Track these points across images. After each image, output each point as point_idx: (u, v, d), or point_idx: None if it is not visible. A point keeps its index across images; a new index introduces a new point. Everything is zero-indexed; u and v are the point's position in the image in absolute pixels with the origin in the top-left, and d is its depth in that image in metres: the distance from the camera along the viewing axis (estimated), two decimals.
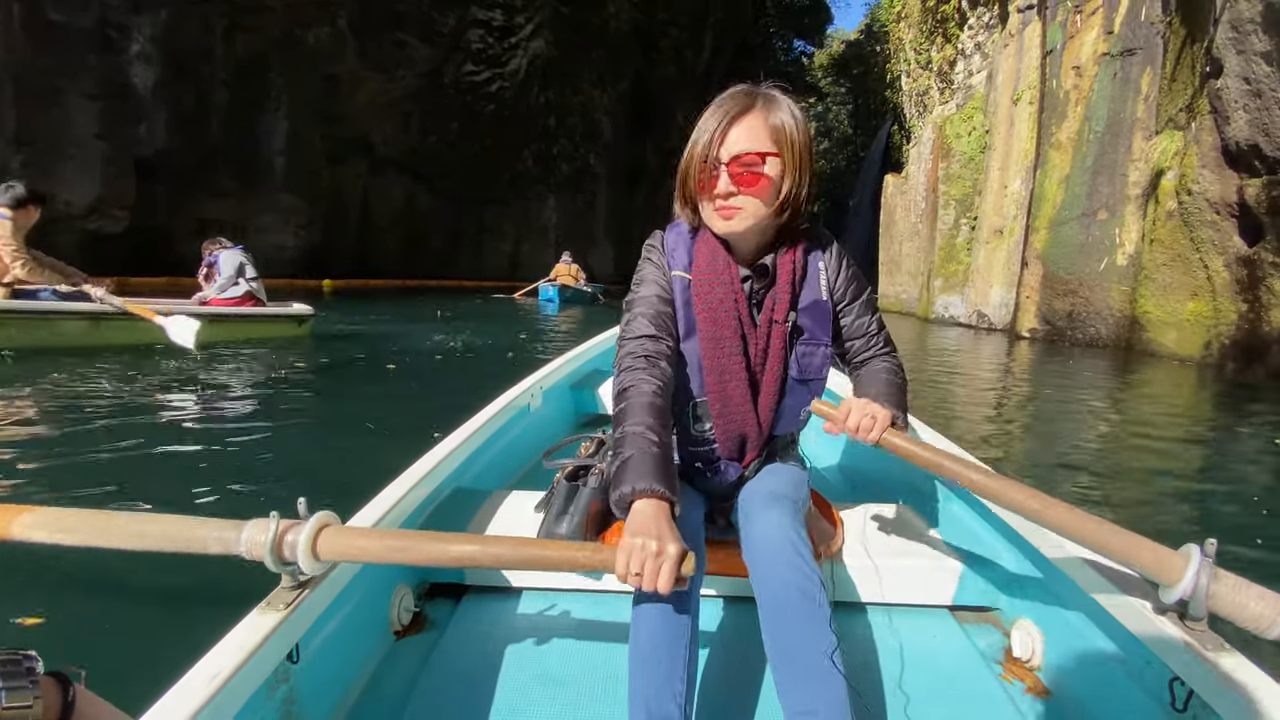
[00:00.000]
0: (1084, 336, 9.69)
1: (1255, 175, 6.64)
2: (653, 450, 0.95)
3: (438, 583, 1.40)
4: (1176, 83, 8.26)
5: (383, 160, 20.19)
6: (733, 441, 1.19)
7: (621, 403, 1.04)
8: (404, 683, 1.12)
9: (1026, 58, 11.89)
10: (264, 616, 0.84)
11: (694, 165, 1.08)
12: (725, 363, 1.14)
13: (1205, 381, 6.90)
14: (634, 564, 0.82)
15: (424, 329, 8.28)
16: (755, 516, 1.08)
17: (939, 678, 1.18)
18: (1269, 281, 6.72)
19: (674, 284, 1.18)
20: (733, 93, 1.08)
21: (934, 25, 18.58)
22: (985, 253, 12.89)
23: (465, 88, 20.44)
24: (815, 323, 1.19)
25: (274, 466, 2.78)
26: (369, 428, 3.44)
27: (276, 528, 0.86)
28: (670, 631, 0.93)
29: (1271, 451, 4.12)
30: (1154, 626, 0.88)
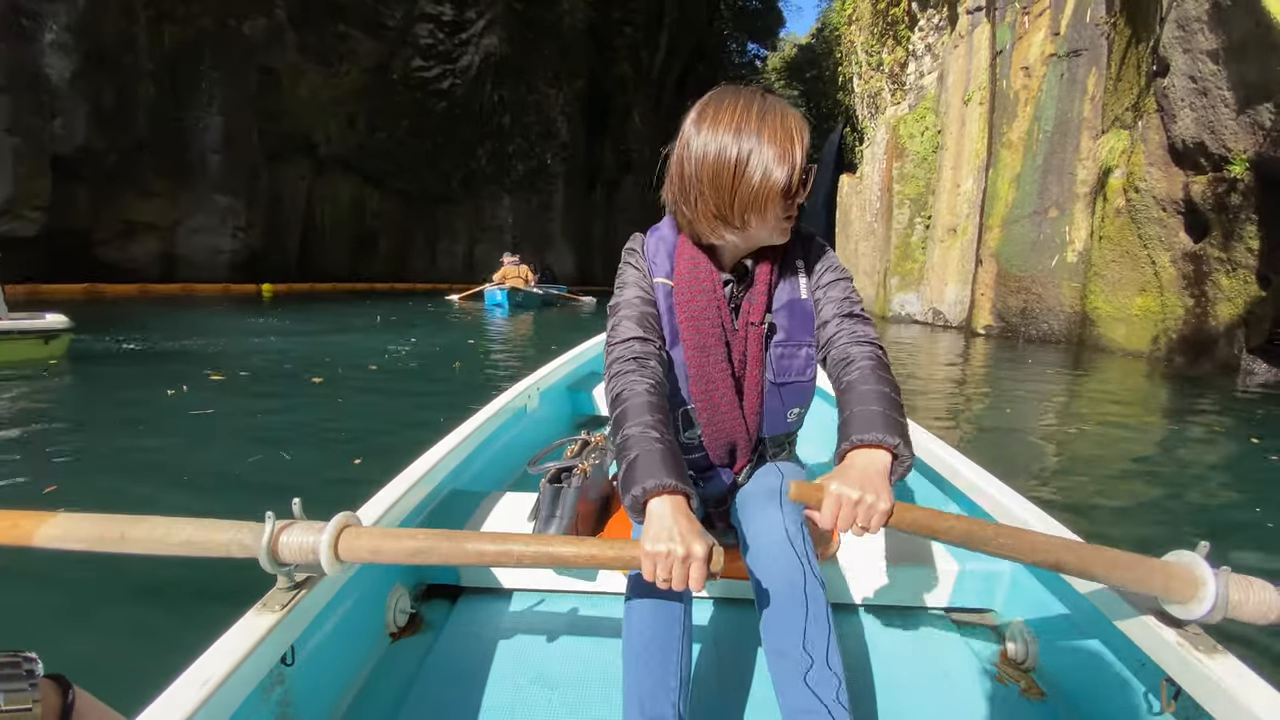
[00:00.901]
0: (1037, 332, 9.85)
1: (1201, 172, 6.78)
2: (658, 447, 0.90)
3: (433, 584, 1.41)
4: (1122, 83, 8.43)
5: (328, 159, 19.37)
6: (722, 448, 1.17)
7: (618, 407, 1.00)
8: (400, 684, 1.12)
9: (976, 59, 12.07)
10: (259, 618, 0.84)
11: (783, 182, 0.97)
12: (710, 370, 1.12)
13: (1154, 375, 7.01)
14: (661, 571, 0.80)
15: (365, 337, 7.77)
16: (755, 515, 1.06)
17: (934, 679, 1.18)
18: (1215, 277, 6.87)
19: (656, 290, 1.15)
20: (767, 104, 1.01)
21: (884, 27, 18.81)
22: (940, 251, 13.06)
23: (415, 84, 19.80)
24: (793, 323, 1.14)
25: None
26: (282, 456, 2.95)
27: (273, 529, 0.84)
28: (664, 632, 0.93)
29: (1212, 440, 4.22)
30: (1147, 628, 0.89)
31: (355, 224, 20.69)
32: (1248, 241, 6.33)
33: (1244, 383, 6.39)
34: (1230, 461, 3.78)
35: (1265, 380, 6.43)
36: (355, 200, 20.71)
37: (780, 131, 0.97)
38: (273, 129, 17.11)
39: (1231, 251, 6.56)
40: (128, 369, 5.29)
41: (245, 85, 15.65)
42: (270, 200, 17.61)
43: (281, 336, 7.42)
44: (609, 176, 28.83)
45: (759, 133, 0.98)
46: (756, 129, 0.98)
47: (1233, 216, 6.43)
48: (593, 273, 28.32)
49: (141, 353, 5.90)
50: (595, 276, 28.18)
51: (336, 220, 20.15)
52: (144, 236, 14.34)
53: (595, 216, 28.93)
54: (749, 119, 0.99)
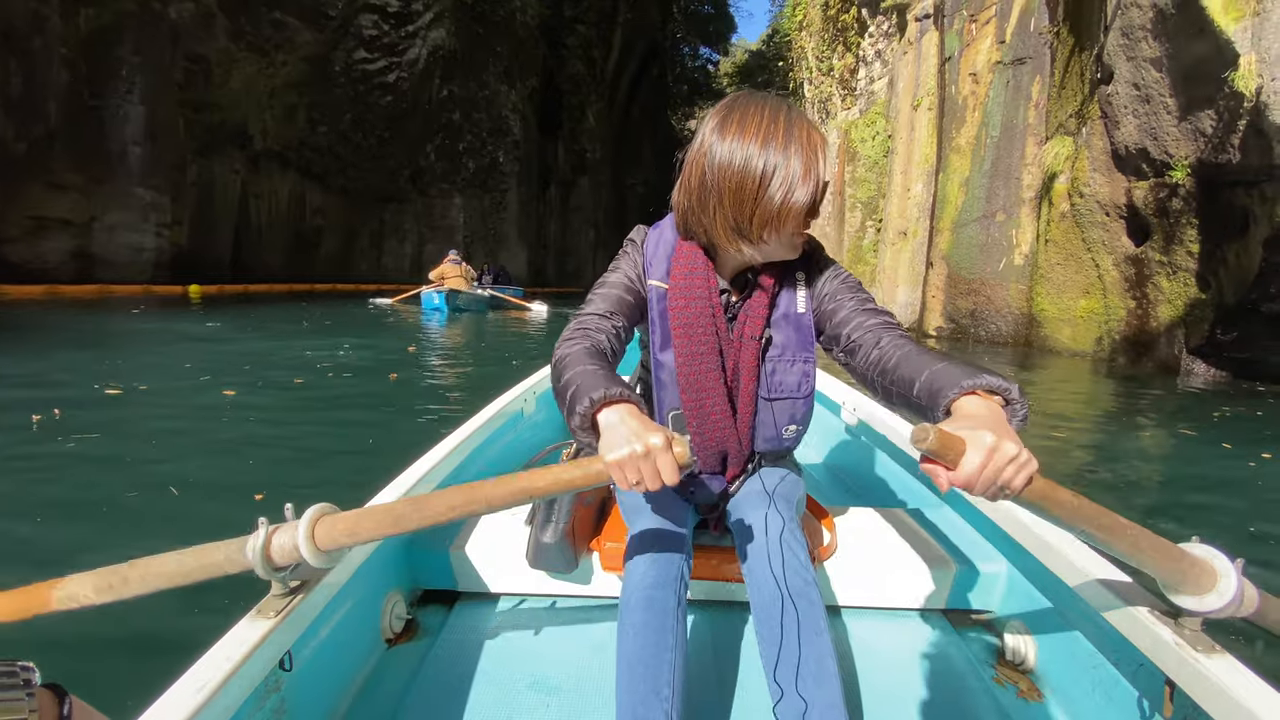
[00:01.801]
0: (986, 334, 10.02)
1: (1143, 178, 6.95)
2: (597, 372, 0.89)
3: (430, 590, 1.40)
4: (1066, 90, 8.63)
5: (264, 153, 18.37)
6: (713, 456, 1.16)
7: (558, 367, 0.96)
8: (396, 690, 1.12)
9: (924, 65, 12.27)
10: (255, 624, 0.83)
11: (795, 203, 0.94)
12: (701, 379, 1.10)
13: (1098, 374, 7.18)
14: (630, 474, 0.77)
15: (294, 344, 7.11)
16: (750, 517, 1.08)
17: (933, 681, 1.18)
18: (1156, 279, 7.05)
19: (650, 293, 1.13)
20: (789, 108, 0.98)
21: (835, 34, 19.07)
22: (891, 254, 13.22)
23: (358, 77, 18.98)
24: (791, 337, 1.12)
25: None
26: (169, 491, 2.49)
27: (266, 533, 0.83)
28: (656, 638, 0.93)
29: (1152, 434, 4.32)
30: (1145, 629, 0.88)
31: (295, 222, 19.68)
32: (1188, 245, 6.50)
33: (1184, 382, 6.57)
34: (1170, 454, 3.93)
35: (1204, 379, 6.63)
36: (295, 197, 19.71)
37: (806, 148, 0.94)
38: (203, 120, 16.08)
39: (1172, 255, 6.73)
40: (194, 365, 5.05)
41: (171, 73, 14.64)
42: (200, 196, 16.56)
43: (201, 343, 6.74)
44: (563, 177, 28.42)
45: (786, 147, 0.93)
46: (784, 143, 0.94)
47: (1174, 221, 6.60)
48: (546, 274, 27.86)
49: (17, 365, 4.95)
50: (549, 278, 27.73)
51: (274, 218, 19.13)
52: (56, 233, 13.19)
53: (550, 217, 28.47)
54: (776, 132, 0.94)
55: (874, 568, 1.36)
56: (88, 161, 13.44)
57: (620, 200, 33.45)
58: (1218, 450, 3.92)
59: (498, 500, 0.85)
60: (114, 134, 13.91)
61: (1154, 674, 0.89)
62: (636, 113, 33.27)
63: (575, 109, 27.58)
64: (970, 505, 1.45)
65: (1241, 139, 5.45)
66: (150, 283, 14.41)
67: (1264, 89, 5.09)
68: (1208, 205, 6.17)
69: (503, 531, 1.43)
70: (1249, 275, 5.82)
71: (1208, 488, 3.28)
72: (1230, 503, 3.01)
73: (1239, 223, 5.82)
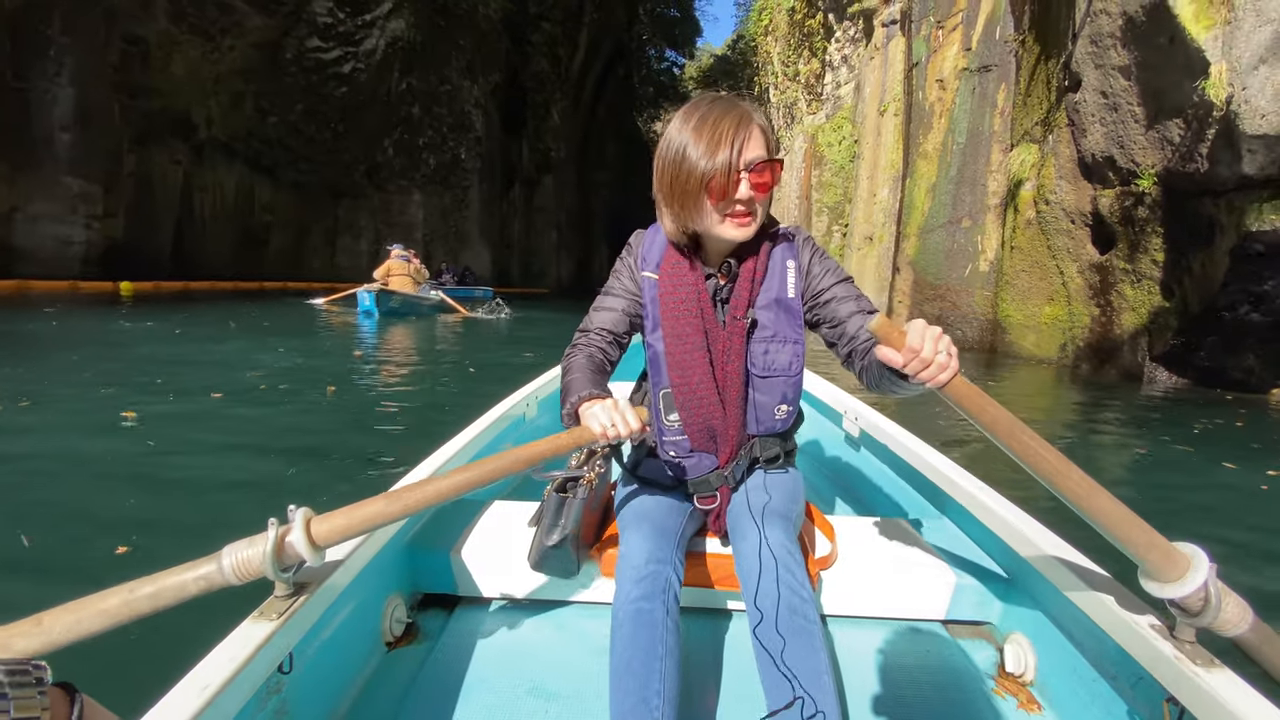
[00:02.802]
0: (952, 339, 10.00)
1: (1109, 186, 6.97)
2: (588, 377, 1.14)
3: (430, 594, 1.40)
4: (1031, 98, 8.67)
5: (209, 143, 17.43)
6: (702, 433, 1.21)
7: (565, 375, 1.18)
8: (396, 694, 1.12)
9: (891, 70, 12.30)
10: (257, 625, 0.84)
11: (709, 173, 1.06)
12: (687, 358, 1.17)
13: (1062, 381, 7.19)
14: (604, 421, 1.00)
15: (226, 349, 6.47)
16: (747, 532, 1.10)
17: (932, 692, 1.17)
18: (1120, 287, 7.08)
19: (643, 284, 1.23)
20: (724, 102, 1.09)
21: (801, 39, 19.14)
22: (857, 259, 13.23)
23: (311, 66, 18.18)
24: (779, 320, 1.20)
25: None
26: (18, 540, 2.04)
27: (276, 534, 0.83)
28: (645, 649, 0.96)
29: (1118, 441, 4.28)
30: (1145, 642, 0.88)
31: (242, 216, 18.74)
32: (1153, 254, 6.52)
33: (1147, 390, 6.59)
34: (1134, 461, 3.91)
35: (1166, 387, 6.66)
36: (243, 190, 18.77)
37: (714, 131, 1.04)
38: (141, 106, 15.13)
39: (1137, 263, 6.76)
40: (99, 376, 4.37)
41: (105, 55, 13.71)
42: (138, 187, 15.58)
43: (115, 348, 6.06)
44: (527, 175, 27.89)
45: (697, 129, 1.05)
46: (696, 125, 1.06)
47: (1139, 229, 6.62)
48: (511, 275, 27.25)
49: None
50: (513, 279, 27.13)
51: (220, 212, 18.17)
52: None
53: (514, 216, 27.88)
54: (696, 116, 1.07)
55: (874, 577, 1.35)
56: (9, 147, 12.47)
57: (585, 202, 33.05)
58: (1189, 458, 3.88)
59: (485, 476, 0.94)
60: (40, 118, 12.95)
61: (1153, 687, 0.89)
62: (602, 113, 32.95)
63: (540, 107, 27.10)
64: (971, 516, 1.42)
65: (1210, 148, 5.45)
66: (79, 279, 13.44)
67: (1234, 98, 5.08)
68: (1174, 214, 6.19)
69: (503, 536, 1.43)
70: (1214, 284, 5.84)
71: (1177, 494, 3.26)
72: (1207, 510, 2.99)
73: (1205, 232, 5.84)
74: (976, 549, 1.44)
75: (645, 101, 41.57)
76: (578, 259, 31.70)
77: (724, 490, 1.25)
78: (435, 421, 3.91)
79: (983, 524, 1.38)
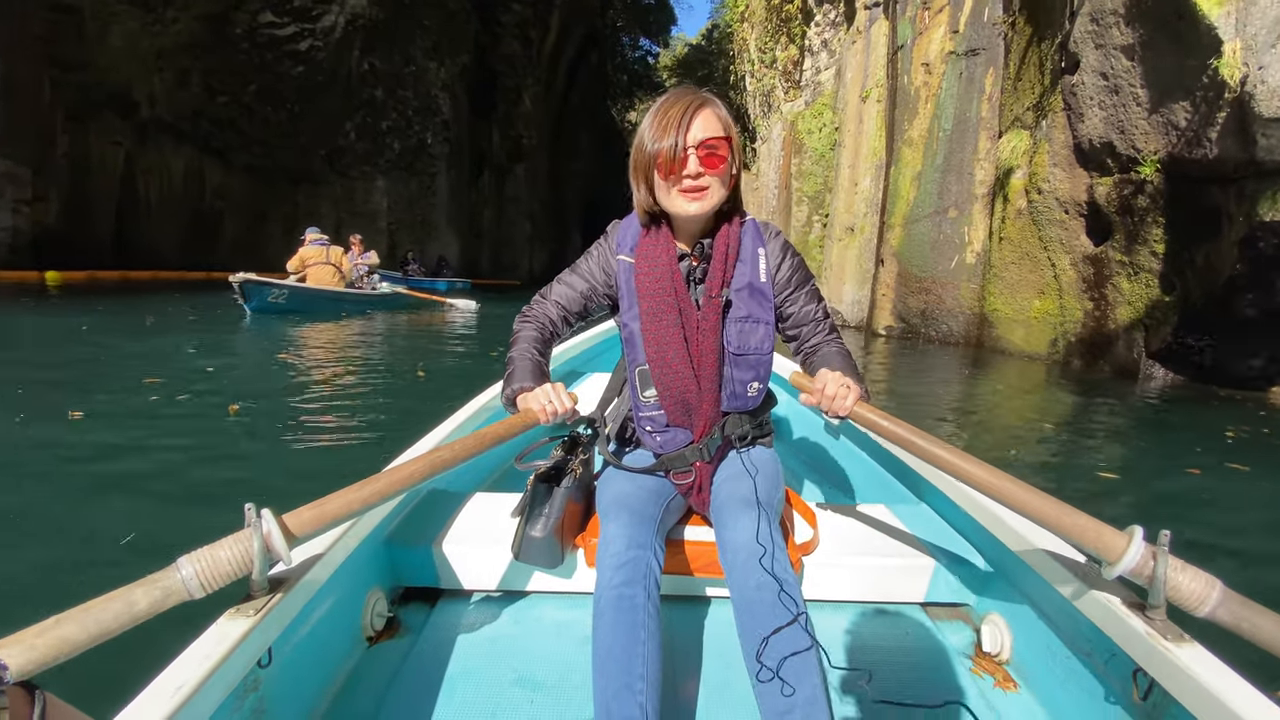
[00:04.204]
0: (937, 334, 9.74)
1: (1107, 174, 6.66)
2: (529, 363, 1.26)
3: (412, 587, 1.40)
4: (1022, 82, 8.34)
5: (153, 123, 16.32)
6: (678, 407, 1.26)
7: (512, 340, 1.32)
8: (378, 688, 1.11)
9: (874, 55, 11.92)
10: (234, 622, 0.82)
11: (657, 152, 1.16)
12: (663, 334, 1.22)
13: (1052, 378, 6.92)
14: (541, 401, 1.16)
15: (126, 348, 5.69)
16: (730, 521, 1.13)
17: (911, 673, 1.20)
18: (1116, 280, 6.80)
19: (618, 267, 1.30)
20: (681, 91, 1.19)
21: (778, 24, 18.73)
22: (837, 250, 12.88)
23: (264, 42, 17.13)
24: (753, 302, 1.26)
25: None
26: None
27: (265, 528, 0.82)
28: (627, 634, 0.98)
29: (1111, 440, 4.12)
30: (1116, 619, 0.91)
31: (192, 201, 17.67)
32: (1153, 245, 6.23)
33: (1143, 387, 6.34)
34: (1132, 460, 3.79)
35: (1163, 384, 6.42)
36: (192, 173, 17.69)
37: (667, 114, 1.15)
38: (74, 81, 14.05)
39: (1134, 255, 6.48)
40: None
41: (30, 24, 12.62)
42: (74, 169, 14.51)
43: (4, 351, 5.34)
44: (498, 163, 26.98)
45: (653, 111, 1.18)
46: (654, 111, 1.18)
47: (1138, 219, 6.32)
48: (481, 265, 26.37)
49: None
50: (483, 269, 26.27)
51: (166, 196, 17.10)
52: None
53: (484, 204, 26.95)
54: (665, 96, 1.19)
55: (855, 562, 1.37)
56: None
57: (558, 192, 32.27)
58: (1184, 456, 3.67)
59: (455, 459, 1.04)
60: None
61: (1125, 663, 0.91)
62: (576, 101, 32.12)
63: (511, 91, 26.21)
64: (950, 500, 1.47)
65: (1220, 133, 5.14)
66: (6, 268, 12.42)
67: (1249, 78, 4.77)
68: (1177, 203, 5.90)
69: (485, 528, 1.42)
70: (1219, 277, 5.57)
71: (1176, 493, 3.13)
72: (1203, 516, 2.84)
73: (1211, 222, 5.55)
74: (954, 533, 1.47)
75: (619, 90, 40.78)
76: (550, 250, 30.93)
77: (700, 466, 1.28)
78: (361, 451, 3.09)
79: (960, 508, 1.42)
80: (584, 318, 1.38)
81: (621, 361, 1.40)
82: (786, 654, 0.93)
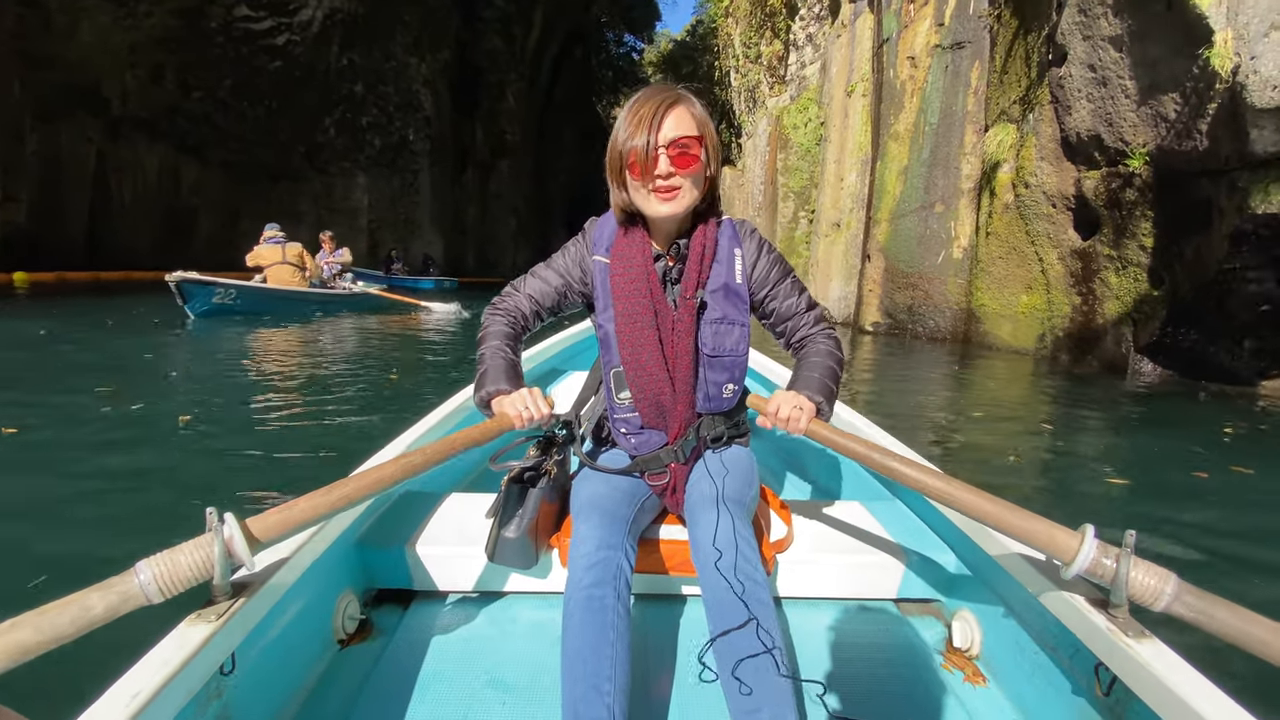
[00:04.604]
0: (924, 330, 9.66)
1: (1095, 167, 6.59)
2: (501, 361, 1.23)
3: (385, 589, 1.39)
4: (1008, 75, 8.26)
5: (125, 120, 15.91)
6: (652, 409, 1.25)
7: (482, 334, 1.29)
8: (349, 692, 1.10)
9: (859, 49, 11.82)
10: (194, 627, 0.80)
11: (629, 151, 1.15)
12: (638, 335, 1.22)
13: (1040, 373, 6.85)
14: (518, 406, 1.15)
15: (82, 354, 5.43)
16: (701, 520, 1.13)
17: (883, 668, 1.22)
18: (1104, 275, 6.74)
19: (594, 267, 1.29)
20: (655, 89, 1.18)
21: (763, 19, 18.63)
22: (824, 246, 12.78)
23: (239, 37, 16.75)
24: (728, 304, 1.26)
25: None
26: None
27: (228, 532, 0.80)
28: (596, 635, 0.99)
29: (1085, 432, 4.05)
30: (1080, 616, 0.92)
31: (167, 200, 17.26)
32: (1141, 239, 6.17)
33: (1132, 382, 6.28)
34: (1127, 457, 3.72)
35: (1152, 379, 6.36)
36: (166, 170, 17.29)
37: (640, 112, 1.13)
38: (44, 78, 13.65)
39: (1123, 249, 6.41)
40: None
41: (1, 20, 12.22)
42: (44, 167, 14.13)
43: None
44: (481, 159, 26.66)
45: (626, 109, 1.17)
46: (627, 109, 1.17)
47: (1126, 213, 6.25)
48: (466, 263, 26.03)
49: None
50: (468, 266, 25.95)
51: (140, 195, 16.69)
52: None
53: (468, 202, 26.62)
54: (640, 94, 1.18)
55: (829, 559, 1.38)
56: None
57: (542, 187, 31.97)
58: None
59: (425, 464, 1.03)
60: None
61: (1088, 659, 0.93)
62: (560, 97, 31.83)
63: (494, 87, 25.89)
64: (922, 499, 1.48)
65: (1211, 124, 5.06)
66: None
67: (1241, 68, 4.69)
68: (1166, 196, 5.83)
69: (459, 529, 1.41)
70: (1209, 270, 5.50)
71: (1175, 491, 3.05)
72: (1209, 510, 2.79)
73: (1201, 215, 5.48)
74: (926, 530, 1.48)
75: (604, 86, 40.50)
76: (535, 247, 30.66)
77: (675, 468, 1.27)
78: (320, 465, 2.88)
79: (931, 505, 1.42)
80: (556, 314, 1.37)
81: (598, 361, 1.40)
82: (748, 654, 0.94)
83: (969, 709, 1.12)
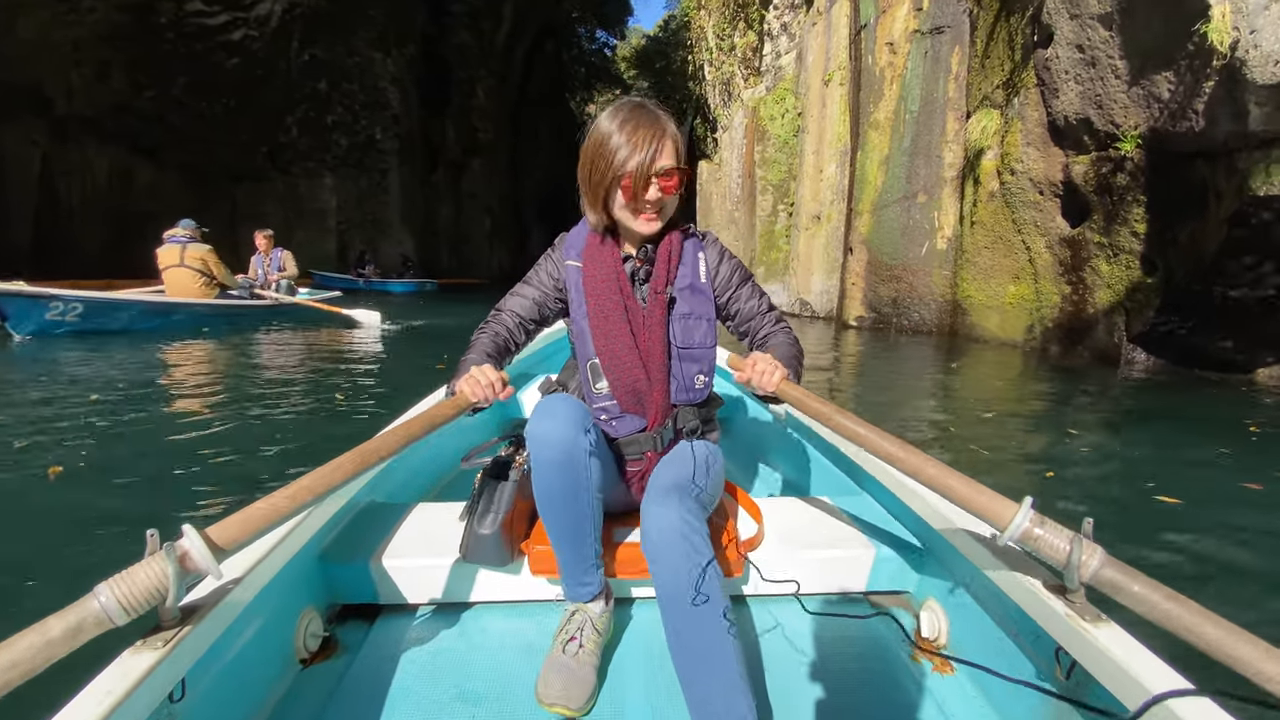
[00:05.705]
0: (909, 323, 9.44)
1: (1084, 152, 6.37)
2: (480, 359, 1.28)
3: (349, 605, 1.36)
4: (990, 60, 8.04)
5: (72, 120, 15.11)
6: (629, 396, 1.30)
7: (469, 349, 1.33)
8: (311, 713, 1.07)
9: (835, 37, 11.56)
10: (138, 656, 0.77)
11: (623, 175, 1.21)
12: (610, 329, 1.29)
13: (1030, 365, 6.66)
14: (475, 384, 1.17)
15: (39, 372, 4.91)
16: (650, 509, 1.12)
17: (854, 662, 1.23)
18: (1094, 263, 6.54)
19: (567, 272, 1.36)
20: (641, 111, 1.22)
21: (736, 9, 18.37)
22: (804, 239, 12.53)
23: (192, 32, 16.01)
24: (695, 300, 1.34)
25: None
26: None
27: (172, 549, 0.76)
28: (571, 491, 1.11)
29: (1075, 428, 3.89)
30: (1039, 601, 0.94)
31: (119, 203, 16.45)
32: (1133, 225, 5.96)
33: (1124, 372, 6.09)
34: (1124, 451, 3.57)
35: (1145, 369, 6.18)
36: (119, 173, 16.48)
37: (642, 131, 1.19)
38: None
39: (1114, 236, 6.20)
40: None
41: None
42: None
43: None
44: (453, 158, 26.02)
45: (624, 126, 1.20)
46: (623, 122, 1.21)
47: (1117, 199, 6.05)
48: (439, 263, 25.38)
49: None
50: (443, 267, 25.31)
51: (90, 199, 15.89)
52: None
53: (440, 202, 25.96)
54: (627, 114, 1.21)
55: (799, 555, 1.40)
56: None
57: (517, 185, 31.39)
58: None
59: (385, 452, 0.99)
60: None
61: (1049, 643, 0.95)
62: (533, 93, 31.25)
63: (464, 84, 25.27)
64: (887, 491, 1.50)
65: (1207, 104, 4.84)
66: None
67: (1240, 43, 4.46)
68: (1159, 180, 5.62)
69: (427, 539, 1.39)
70: (1205, 256, 5.30)
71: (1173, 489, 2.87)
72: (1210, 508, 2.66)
73: (1197, 199, 5.28)
74: (894, 521, 1.50)
75: (578, 83, 39.95)
76: (510, 246, 30.07)
77: (651, 455, 1.33)
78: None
79: (898, 498, 1.45)
80: (540, 324, 1.42)
81: (569, 362, 1.47)
82: (703, 643, 0.94)
83: (937, 699, 1.14)
